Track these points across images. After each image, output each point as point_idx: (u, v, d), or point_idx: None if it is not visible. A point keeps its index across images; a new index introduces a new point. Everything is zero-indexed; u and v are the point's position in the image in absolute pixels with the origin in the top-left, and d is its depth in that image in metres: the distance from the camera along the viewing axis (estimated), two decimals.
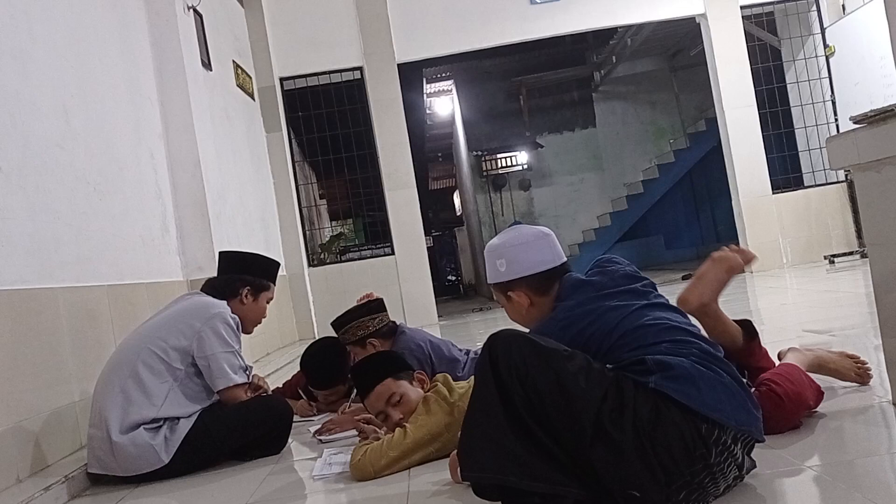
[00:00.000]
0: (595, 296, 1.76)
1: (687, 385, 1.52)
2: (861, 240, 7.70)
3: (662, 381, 1.52)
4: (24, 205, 3.01)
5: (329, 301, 7.73)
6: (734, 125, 8.27)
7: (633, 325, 1.67)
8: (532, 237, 1.87)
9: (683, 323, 1.73)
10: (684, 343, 1.63)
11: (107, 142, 3.97)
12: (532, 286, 1.84)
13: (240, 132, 6.93)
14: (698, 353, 1.61)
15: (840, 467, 1.78)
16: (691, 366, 1.56)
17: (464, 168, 15.01)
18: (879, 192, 2.00)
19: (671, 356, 1.58)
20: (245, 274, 3.07)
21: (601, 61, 13.35)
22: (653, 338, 1.64)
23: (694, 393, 1.51)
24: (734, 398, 1.55)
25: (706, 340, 1.71)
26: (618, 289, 1.77)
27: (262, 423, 2.87)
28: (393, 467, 2.28)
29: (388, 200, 8.19)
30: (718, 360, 1.63)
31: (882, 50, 7.11)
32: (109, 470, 2.72)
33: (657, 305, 1.76)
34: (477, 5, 8.25)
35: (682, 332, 1.67)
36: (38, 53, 3.36)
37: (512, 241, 1.87)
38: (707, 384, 1.53)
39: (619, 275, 1.82)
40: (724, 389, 1.55)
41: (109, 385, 2.75)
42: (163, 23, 4.94)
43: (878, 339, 2.32)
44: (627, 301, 1.73)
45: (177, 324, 2.84)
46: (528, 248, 1.85)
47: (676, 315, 1.77)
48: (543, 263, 1.84)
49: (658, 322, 1.68)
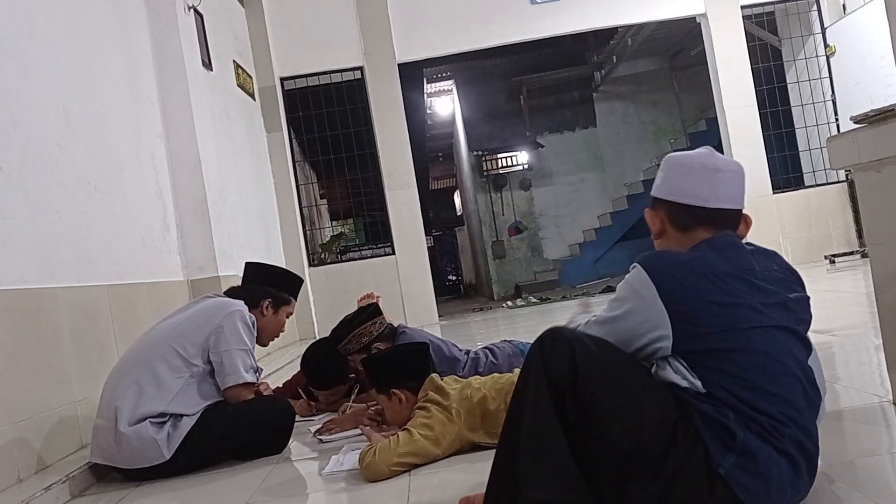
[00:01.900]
0: (744, 269, 1.46)
1: (760, 485, 1.33)
2: (862, 239, 7.70)
3: (735, 473, 1.33)
4: (24, 204, 3.02)
5: (329, 301, 7.74)
6: (734, 125, 8.27)
7: (759, 349, 1.39)
8: (699, 165, 1.56)
9: (802, 369, 1.43)
10: (787, 421, 1.37)
11: (107, 142, 3.98)
12: (671, 214, 1.59)
13: (240, 132, 6.93)
14: (798, 432, 1.38)
15: (840, 467, 1.77)
16: (777, 463, 1.34)
17: (464, 168, 15.01)
18: (880, 191, 1.99)
19: (763, 439, 1.35)
20: (268, 286, 3.10)
21: (602, 61, 13.34)
22: (768, 384, 1.37)
23: (763, 496, 1.33)
24: (797, 495, 1.40)
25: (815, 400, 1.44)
26: (765, 286, 1.46)
27: (265, 422, 2.87)
28: (405, 465, 2.28)
29: (389, 200, 8.19)
30: (813, 437, 1.42)
31: (882, 50, 7.12)
32: (111, 461, 2.72)
33: (789, 331, 1.45)
34: (477, 5, 8.25)
35: (796, 383, 1.40)
36: (38, 53, 3.37)
37: (677, 159, 1.60)
38: (780, 487, 1.35)
39: (773, 275, 1.51)
40: (793, 489, 1.38)
41: (124, 377, 2.75)
42: (163, 23, 4.94)
43: (878, 339, 2.32)
44: (769, 310, 1.43)
45: (196, 320, 2.86)
46: (686, 174, 1.57)
47: (801, 349, 1.46)
48: (691, 196, 1.55)
49: (783, 361, 1.40)
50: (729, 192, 1.56)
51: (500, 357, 3.30)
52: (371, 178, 8.39)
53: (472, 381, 2.49)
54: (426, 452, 2.30)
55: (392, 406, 2.56)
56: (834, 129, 8.37)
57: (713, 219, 1.54)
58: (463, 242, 18.79)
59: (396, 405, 2.55)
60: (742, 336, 1.39)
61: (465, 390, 2.40)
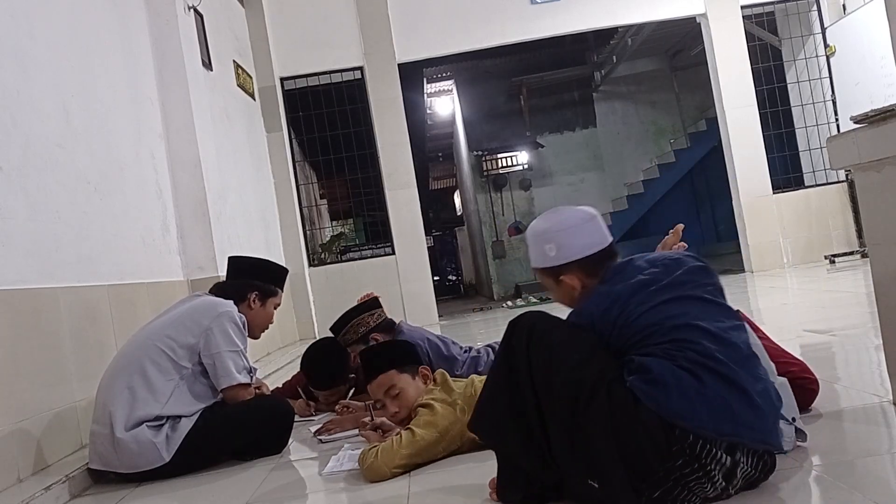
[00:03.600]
0: (633, 283, 1.73)
1: (657, 390, 1.54)
2: (861, 239, 7.70)
3: (636, 383, 1.56)
4: (24, 205, 3.01)
5: (330, 301, 7.73)
6: (735, 125, 8.26)
7: (650, 321, 1.66)
8: (581, 220, 1.85)
9: (707, 320, 1.66)
10: (686, 343, 1.61)
11: (107, 142, 3.98)
12: (584, 269, 1.83)
13: (240, 132, 6.93)
14: (696, 354, 1.58)
15: (841, 467, 1.78)
16: (672, 371, 1.56)
17: (464, 168, 15.01)
18: (880, 191, 2.00)
19: (660, 358, 1.59)
20: (254, 279, 3.09)
21: (602, 61, 13.34)
22: (660, 336, 1.63)
23: (661, 398, 1.53)
24: (713, 406, 1.53)
25: (730, 342, 1.64)
26: (657, 279, 1.73)
27: (264, 423, 2.87)
28: (407, 466, 2.28)
29: (389, 200, 8.19)
30: (723, 363, 1.58)
31: (882, 50, 7.12)
32: (111, 466, 2.72)
33: (691, 299, 1.71)
34: (477, 5, 8.25)
35: (695, 330, 1.63)
36: (38, 53, 3.37)
37: (561, 225, 1.85)
38: (680, 391, 1.54)
39: (667, 264, 1.78)
40: (700, 397, 1.53)
41: (115, 382, 2.75)
42: (163, 23, 4.94)
43: (878, 339, 2.33)
44: (659, 294, 1.70)
45: (185, 321, 2.85)
46: (578, 232, 1.84)
47: (708, 310, 1.71)
48: (594, 245, 1.83)
49: (673, 318, 1.65)
50: (605, 230, 1.89)
51: None
52: (371, 178, 8.39)
53: (474, 379, 2.50)
54: (429, 452, 2.30)
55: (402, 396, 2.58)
56: (834, 129, 8.36)
57: (609, 253, 1.85)
58: (463, 242, 18.79)
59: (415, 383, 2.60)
60: (636, 322, 1.67)
61: (469, 388, 2.42)
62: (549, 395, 1.63)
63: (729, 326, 1.68)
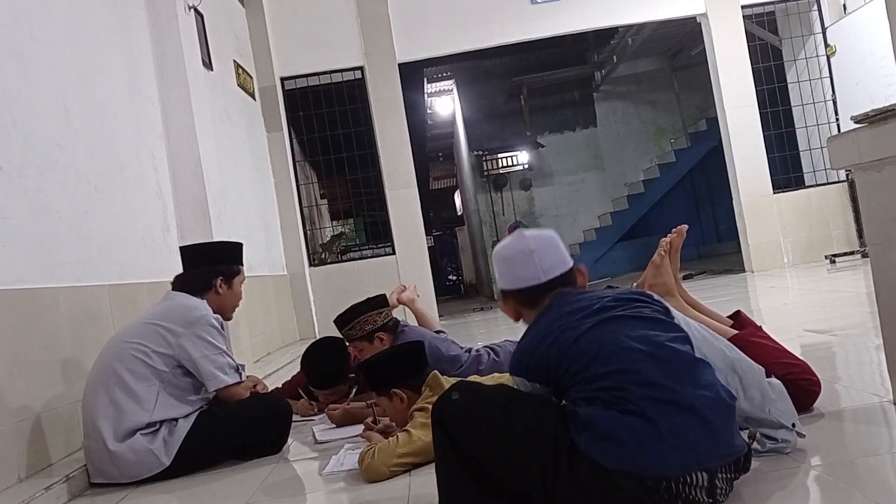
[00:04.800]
0: (565, 312, 1.69)
1: (614, 446, 1.48)
2: (862, 239, 7.69)
3: (590, 446, 1.50)
4: (24, 204, 3.01)
5: (330, 300, 7.72)
6: (735, 125, 8.26)
7: (585, 347, 1.61)
8: (516, 253, 1.82)
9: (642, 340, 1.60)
10: (627, 374, 1.54)
11: (107, 141, 3.98)
12: (519, 300, 1.83)
13: (240, 132, 6.93)
14: (638, 388, 1.52)
15: (841, 467, 1.78)
16: (621, 421, 1.49)
17: (464, 168, 15.01)
18: (880, 191, 1.99)
19: (605, 405, 1.52)
20: (215, 264, 3.03)
21: (602, 61, 13.34)
22: (600, 365, 1.57)
23: (622, 455, 1.48)
24: (673, 445, 1.48)
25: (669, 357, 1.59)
26: (589, 306, 1.69)
27: (262, 422, 2.87)
28: (405, 465, 2.28)
29: (389, 200, 8.19)
30: (666, 389, 1.52)
31: (883, 49, 7.11)
32: (111, 478, 2.72)
33: (625, 318, 1.66)
34: (477, 5, 8.24)
35: (631, 353, 1.57)
36: (38, 53, 3.37)
37: (499, 254, 1.86)
38: (636, 442, 1.48)
39: (602, 295, 1.74)
40: (657, 442, 1.48)
41: (96, 394, 2.73)
42: (163, 22, 4.94)
43: (878, 339, 2.32)
44: (591, 317, 1.65)
45: (157, 328, 2.80)
46: (511, 264, 1.82)
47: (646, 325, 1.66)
48: (524, 280, 1.80)
49: (608, 342, 1.60)
50: (551, 263, 1.80)
51: (503, 355, 3.31)
52: (371, 177, 8.38)
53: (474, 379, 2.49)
54: (426, 452, 2.29)
55: (394, 406, 2.55)
56: (834, 128, 8.35)
57: (551, 287, 1.78)
58: (463, 242, 18.77)
59: (398, 405, 2.54)
60: (569, 353, 1.62)
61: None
62: (514, 481, 1.60)
63: (668, 339, 1.63)
